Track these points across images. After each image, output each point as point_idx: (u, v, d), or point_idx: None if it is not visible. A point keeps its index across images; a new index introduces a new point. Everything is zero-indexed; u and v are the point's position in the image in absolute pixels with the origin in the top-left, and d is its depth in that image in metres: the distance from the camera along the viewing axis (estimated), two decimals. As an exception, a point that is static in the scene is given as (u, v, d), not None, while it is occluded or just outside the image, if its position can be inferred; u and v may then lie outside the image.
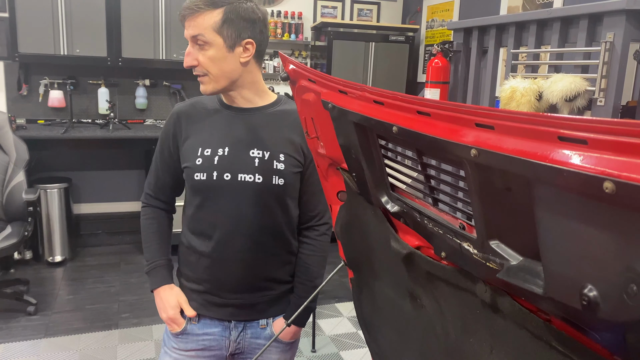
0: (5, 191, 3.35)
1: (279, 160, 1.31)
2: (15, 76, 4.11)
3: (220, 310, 1.37)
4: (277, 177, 1.30)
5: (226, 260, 1.34)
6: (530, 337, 0.60)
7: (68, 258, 4.07)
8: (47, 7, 3.83)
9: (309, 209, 1.41)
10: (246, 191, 1.30)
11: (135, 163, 4.57)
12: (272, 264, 1.38)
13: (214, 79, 1.27)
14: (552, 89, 1.97)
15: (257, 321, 1.40)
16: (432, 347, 0.89)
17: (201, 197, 1.33)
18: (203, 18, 1.21)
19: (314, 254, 1.42)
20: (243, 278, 1.35)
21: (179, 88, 4.53)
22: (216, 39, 1.22)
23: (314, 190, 1.38)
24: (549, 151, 0.42)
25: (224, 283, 1.35)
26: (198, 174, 1.30)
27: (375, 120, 0.73)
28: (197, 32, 1.22)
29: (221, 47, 1.23)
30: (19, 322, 3.13)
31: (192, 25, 1.23)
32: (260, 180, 1.30)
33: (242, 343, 1.40)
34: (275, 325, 1.41)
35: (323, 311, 3.43)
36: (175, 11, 4.09)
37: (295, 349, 1.48)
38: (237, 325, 1.39)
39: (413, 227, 0.82)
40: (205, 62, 1.24)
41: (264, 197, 1.31)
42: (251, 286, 1.37)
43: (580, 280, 0.45)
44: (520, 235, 0.57)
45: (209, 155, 1.31)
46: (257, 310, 1.39)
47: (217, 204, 1.31)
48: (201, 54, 1.24)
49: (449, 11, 4.42)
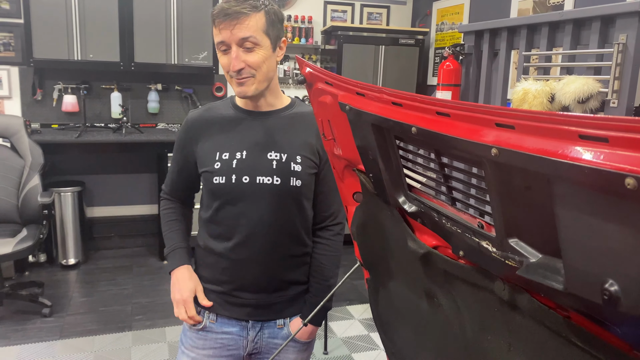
0: (21, 194, 3.40)
1: (296, 162, 1.34)
2: (30, 81, 4.17)
3: (238, 310, 1.39)
4: (295, 179, 1.33)
5: (244, 261, 1.36)
6: (550, 333, 0.61)
7: (81, 261, 4.11)
8: (61, 13, 3.89)
9: (323, 209, 1.43)
10: (264, 193, 1.32)
11: (147, 167, 4.61)
12: (289, 265, 1.40)
13: (259, 80, 1.28)
14: (564, 90, 1.97)
15: (274, 321, 1.42)
16: (449, 345, 0.90)
17: (220, 201, 1.35)
18: (252, 20, 1.23)
19: (328, 254, 1.43)
20: (261, 279, 1.37)
21: (191, 92, 4.57)
22: (265, 40, 1.25)
23: (328, 190, 1.40)
24: (570, 149, 0.44)
25: (242, 284, 1.37)
26: (217, 177, 1.32)
27: (394, 122, 0.74)
28: (248, 34, 1.22)
29: (268, 47, 1.27)
30: (35, 324, 3.17)
31: (241, 29, 1.22)
32: (279, 182, 1.32)
33: (260, 343, 1.42)
34: (292, 325, 1.42)
35: (335, 313, 3.44)
36: (187, 16, 4.14)
37: (311, 348, 1.50)
38: (255, 325, 1.40)
39: (430, 227, 0.84)
40: (256, 63, 1.25)
41: (282, 199, 1.33)
42: (268, 287, 1.39)
43: (601, 275, 0.46)
44: (539, 232, 0.58)
45: (227, 159, 1.33)
46: (275, 311, 1.41)
47: (236, 206, 1.34)
48: (250, 56, 1.25)
49: (459, 14, 4.43)
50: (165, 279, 3.75)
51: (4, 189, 3.39)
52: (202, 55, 4.16)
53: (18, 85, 4.17)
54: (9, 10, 4.02)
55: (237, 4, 1.22)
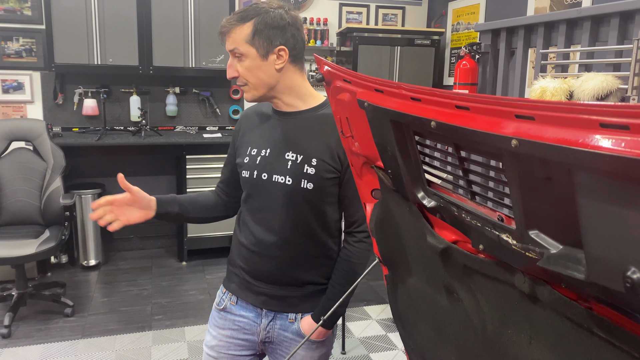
0: (44, 196, 3.47)
1: (311, 164, 1.36)
2: (52, 86, 4.25)
3: (254, 297, 1.46)
4: (306, 181, 1.35)
5: (260, 254, 1.42)
6: (571, 325, 0.61)
7: (102, 262, 4.18)
8: (81, 19, 3.97)
9: (348, 214, 1.44)
10: (278, 192, 1.38)
11: (166, 169, 4.67)
12: (304, 265, 1.43)
13: (253, 87, 1.36)
14: (583, 88, 1.96)
15: (286, 314, 1.46)
16: (469, 340, 0.90)
17: (246, 193, 1.46)
18: (236, 32, 1.32)
19: (348, 260, 1.43)
20: (275, 273, 1.42)
21: (208, 95, 4.62)
22: (249, 50, 1.31)
23: (352, 196, 1.39)
24: (591, 138, 0.44)
25: (257, 274, 1.44)
26: (244, 171, 1.43)
27: (413, 117, 0.75)
28: (233, 46, 1.33)
29: (255, 57, 1.32)
30: (57, 323, 3.23)
31: (229, 40, 1.33)
32: (290, 183, 1.36)
33: (271, 332, 1.47)
34: (303, 322, 1.45)
35: (352, 314, 3.44)
36: (204, 20, 4.19)
37: (323, 349, 1.50)
38: (268, 314, 1.46)
39: (450, 222, 0.84)
40: (244, 72, 1.34)
41: (294, 199, 1.37)
42: (281, 281, 1.43)
43: (623, 263, 0.46)
44: (559, 223, 0.58)
45: (254, 155, 1.42)
46: (288, 304, 1.45)
47: (257, 200, 1.42)
48: (239, 65, 1.33)
49: (475, 14, 4.41)
50: (184, 280, 3.80)
51: (27, 191, 3.46)
52: (219, 59, 4.20)
53: (40, 89, 4.26)
54: (30, 17, 4.11)
55: (229, 17, 1.33)
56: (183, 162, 4.14)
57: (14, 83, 4.19)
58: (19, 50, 4.15)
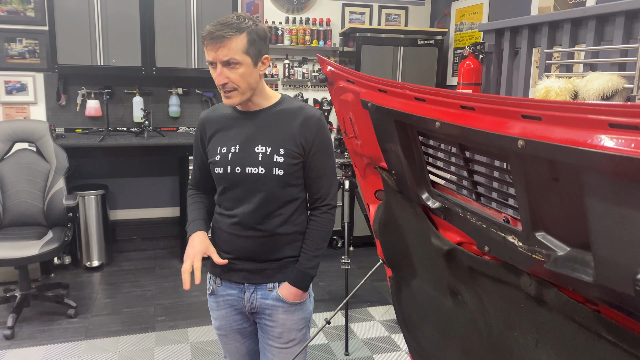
0: (47, 198, 3.47)
1: (279, 154, 1.53)
2: (55, 87, 4.25)
3: (236, 275, 1.64)
4: (277, 169, 1.53)
5: (239, 237, 1.59)
6: (579, 328, 0.60)
7: (105, 263, 4.18)
8: (84, 20, 3.97)
9: (312, 192, 1.64)
10: (253, 181, 1.55)
11: (169, 169, 4.67)
12: (278, 242, 1.60)
13: (242, 92, 1.49)
14: (588, 87, 1.94)
15: (265, 285, 1.64)
16: (474, 343, 0.89)
17: (222, 186, 1.61)
18: (233, 43, 1.41)
19: (316, 229, 1.63)
20: (254, 251, 1.60)
21: (211, 96, 4.61)
22: (245, 58, 1.44)
23: (314, 177, 1.60)
24: (600, 138, 0.43)
25: (238, 254, 1.61)
26: (217, 168, 1.58)
27: (417, 117, 0.74)
28: (230, 56, 1.42)
29: (249, 65, 1.46)
30: (61, 324, 3.23)
31: (223, 51, 1.42)
32: (263, 172, 1.53)
33: (255, 303, 1.65)
34: (281, 289, 1.63)
35: (356, 315, 3.43)
36: (207, 21, 4.18)
37: (301, 312, 1.66)
38: (249, 288, 1.64)
39: (455, 223, 0.83)
40: (237, 79, 1.45)
41: (268, 186, 1.54)
42: (260, 258, 1.61)
43: (633, 266, 0.45)
44: (567, 225, 0.57)
45: (225, 152, 1.57)
46: (266, 276, 1.63)
47: (233, 192, 1.59)
48: (232, 73, 1.44)
49: (478, 14, 4.39)
50: (187, 281, 3.78)
51: (30, 193, 3.47)
52: (221, 59, 4.19)
53: (43, 91, 4.26)
54: (33, 18, 4.12)
55: (222, 27, 1.41)
56: (186, 163, 4.13)
57: (17, 84, 4.19)
58: (22, 51, 4.15)
